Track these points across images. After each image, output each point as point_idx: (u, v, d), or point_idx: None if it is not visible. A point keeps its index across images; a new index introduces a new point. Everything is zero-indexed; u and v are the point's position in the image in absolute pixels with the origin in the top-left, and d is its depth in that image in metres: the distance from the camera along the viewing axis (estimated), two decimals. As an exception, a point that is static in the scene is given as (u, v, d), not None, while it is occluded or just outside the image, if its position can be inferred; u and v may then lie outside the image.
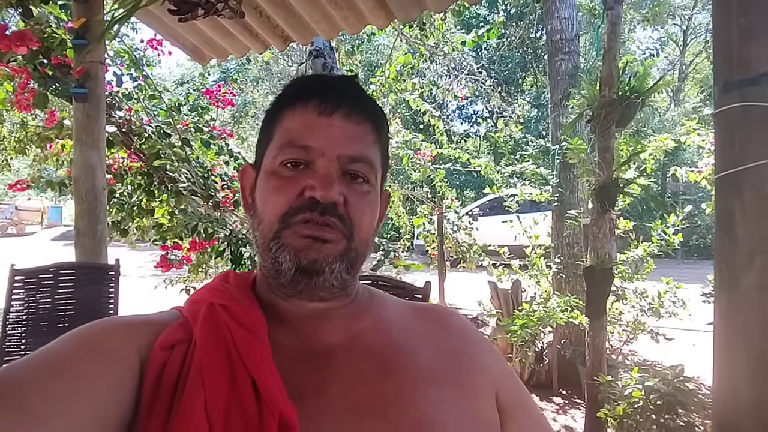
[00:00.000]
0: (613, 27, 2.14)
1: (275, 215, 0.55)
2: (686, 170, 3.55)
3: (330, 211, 0.54)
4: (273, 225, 0.55)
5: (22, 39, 1.92)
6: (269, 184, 0.57)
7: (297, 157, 0.56)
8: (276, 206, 0.55)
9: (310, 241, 0.54)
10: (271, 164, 0.57)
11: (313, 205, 0.54)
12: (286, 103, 0.59)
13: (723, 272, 1.01)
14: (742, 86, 0.92)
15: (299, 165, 0.56)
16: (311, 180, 0.55)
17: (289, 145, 0.56)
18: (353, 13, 2.40)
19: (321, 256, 0.54)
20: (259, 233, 0.57)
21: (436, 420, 0.53)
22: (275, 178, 0.56)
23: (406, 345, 0.60)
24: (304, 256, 0.53)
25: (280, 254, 0.54)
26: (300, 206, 0.54)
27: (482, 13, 15.15)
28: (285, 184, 0.56)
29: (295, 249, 0.54)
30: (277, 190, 0.56)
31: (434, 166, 5.39)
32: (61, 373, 0.45)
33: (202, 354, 0.51)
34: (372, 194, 0.59)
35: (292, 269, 0.54)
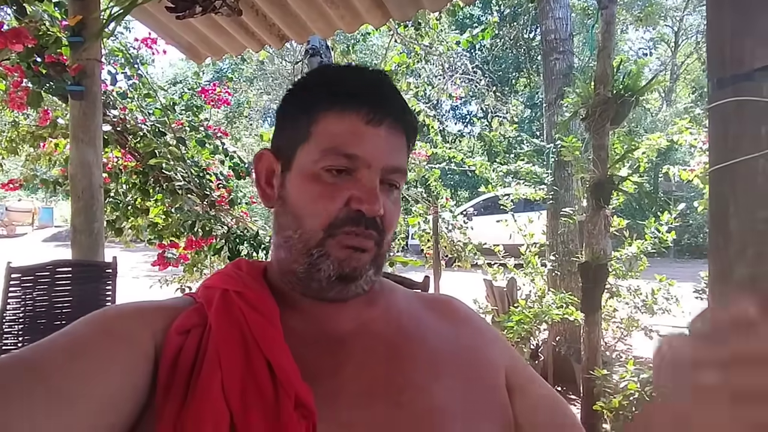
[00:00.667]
0: (607, 26, 2.17)
1: (320, 224, 0.55)
2: (678, 169, 3.60)
3: (372, 224, 0.55)
4: (317, 233, 0.55)
5: (17, 36, 1.92)
6: (311, 189, 0.56)
7: (341, 164, 0.55)
8: (321, 214, 0.55)
9: (351, 251, 0.55)
10: (311, 167, 0.56)
11: (359, 218, 0.54)
12: (328, 102, 0.56)
13: (717, 264, 1.03)
14: (735, 81, 0.94)
15: (341, 172, 0.55)
16: (356, 191, 0.54)
17: (334, 152, 0.55)
18: (349, 11, 2.41)
19: (360, 265, 0.55)
20: (297, 237, 0.56)
21: (448, 408, 0.54)
22: (316, 182, 0.55)
23: (417, 333, 0.61)
24: (346, 265, 0.55)
25: (322, 262, 0.55)
26: (345, 218, 0.54)
27: (476, 13, 15.21)
28: (329, 191, 0.55)
29: (338, 259, 0.55)
30: (321, 197, 0.55)
31: (429, 166, 5.41)
32: (81, 355, 0.46)
33: (218, 337, 0.51)
34: (399, 200, 0.61)
35: (333, 277, 0.55)
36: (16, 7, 2.49)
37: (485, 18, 14.22)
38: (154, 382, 0.49)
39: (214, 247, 2.83)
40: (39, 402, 0.41)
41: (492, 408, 0.58)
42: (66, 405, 0.42)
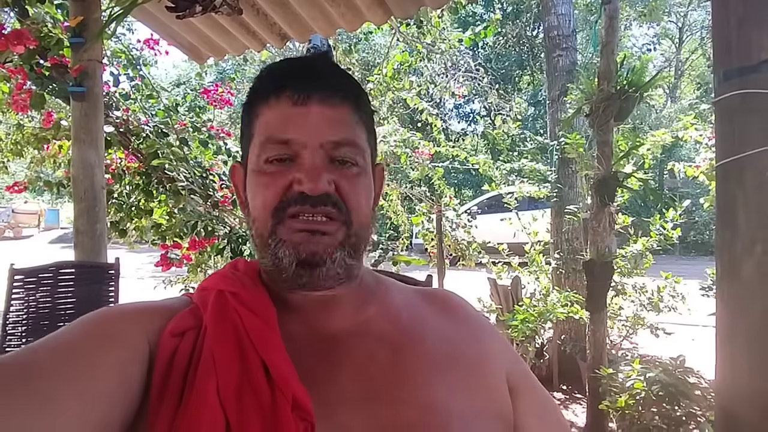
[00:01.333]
0: (610, 21, 2.15)
1: (266, 211, 0.55)
2: (684, 165, 3.56)
3: (322, 202, 0.53)
4: (266, 221, 0.55)
5: (19, 38, 1.92)
6: (257, 182, 0.56)
7: (280, 152, 0.55)
8: (266, 203, 0.55)
9: (307, 234, 0.53)
10: (256, 163, 0.56)
11: (303, 199, 0.53)
12: (260, 96, 0.58)
13: (724, 260, 1.01)
14: (742, 74, 0.92)
15: (284, 160, 0.55)
16: (298, 173, 0.54)
17: (269, 141, 0.55)
18: (351, 10, 2.39)
19: (320, 248, 0.54)
20: (255, 231, 0.57)
21: (449, 406, 0.53)
22: (261, 175, 0.56)
23: (416, 330, 0.60)
24: (303, 249, 0.53)
25: (279, 249, 0.54)
26: (289, 200, 0.54)
27: (479, 11, 15.16)
28: (271, 180, 0.55)
29: (293, 243, 0.53)
30: (265, 187, 0.55)
31: (432, 165, 5.39)
32: (73, 357, 0.45)
33: (213, 339, 0.50)
34: (363, 175, 0.58)
35: (293, 263, 0.53)
36: (18, 8, 2.49)
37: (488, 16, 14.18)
38: (148, 385, 0.48)
39: (216, 247, 2.83)
40: (28, 404, 0.40)
41: (493, 405, 0.57)
42: (50, 407, 0.41)
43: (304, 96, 0.55)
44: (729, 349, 0.99)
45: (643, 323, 3.21)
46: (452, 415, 0.53)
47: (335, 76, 0.58)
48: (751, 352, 0.95)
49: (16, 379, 0.41)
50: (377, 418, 0.50)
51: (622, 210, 3.40)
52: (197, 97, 4.36)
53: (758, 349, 0.94)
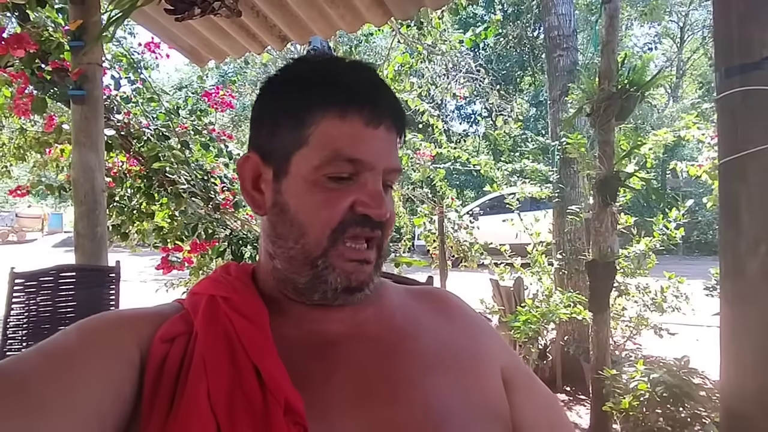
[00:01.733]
0: (611, 20, 2.13)
1: (323, 231, 0.53)
2: (686, 165, 3.54)
3: (378, 227, 0.55)
4: (321, 241, 0.53)
5: (19, 42, 1.93)
6: (314, 197, 0.53)
7: (344, 171, 0.53)
8: (325, 222, 0.53)
9: (357, 264, 0.54)
10: (312, 174, 0.53)
11: (365, 222, 0.53)
12: (325, 104, 0.53)
13: (728, 259, 1.00)
14: (743, 71, 0.91)
15: (344, 178, 0.53)
16: (361, 196, 0.53)
17: (336, 158, 0.52)
18: (350, 11, 2.39)
19: (366, 277, 0.55)
20: (300, 247, 0.54)
21: (444, 406, 0.53)
22: (319, 190, 0.53)
23: (410, 330, 0.60)
24: (354, 279, 0.54)
25: (328, 274, 0.53)
26: (350, 221, 0.53)
27: (479, 12, 15.17)
28: (333, 198, 0.53)
29: (345, 272, 0.54)
30: (326, 205, 0.53)
31: (434, 166, 5.38)
32: (63, 366, 0.45)
33: (204, 344, 0.50)
34: (393, 198, 0.60)
35: (339, 289, 0.54)
36: (19, 13, 2.50)
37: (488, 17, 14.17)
38: (140, 392, 0.48)
39: (217, 249, 2.83)
40: (15, 413, 0.40)
41: (489, 404, 0.57)
42: (43, 416, 0.41)
43: (378, 119, 0.54)
44: (733, 348, 0.98)
45: (646, 324, 3.19)
46: (447, 415, 0.52)
47: (398, 104, 0.58)
48: (755, 351, 0.94)
49: (11, 387, 0.41)
50: (372, 420, 0.50)
51: (624, 210, 3.38)
52: (199, 100, 4.36)
53: (763, 348, 0.92)
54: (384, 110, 0.55)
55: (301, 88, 0.55)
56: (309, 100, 0.54)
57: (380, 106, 0.54)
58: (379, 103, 0.55)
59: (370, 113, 0.53)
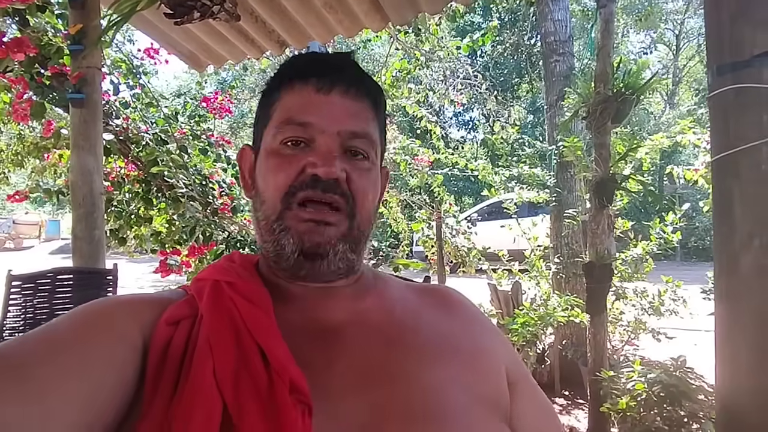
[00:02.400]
0: (606, 24, 2.16)
1: (277, 193, 0.55)
2: (683, 169, 3.56)
3: (332, 188, 0.54)
4: (276, 205, 0.55)
5: (19, 46, 1.94)
6: (269, 163, 0.57)
7: (297, 134, 0.56)
8: (278, 185, 0.55)
9: (312, 224, 0.54)
10: (271, 143, 0.57)
11: (315, 183, 0.54)
12: (283, 82, 0.59)
13: (722, 256, 1.00)
14: (735, 69, 0.92)
15: (299, 143, 0.56)
16: (312, 157, 0.55)
17: (288, 122, 0.56)
18: (348, 16, 2.41)
19: (324, 239, 0.54)
20: (261, 214, 0.57)
21: (443, 394, 0.53)
22: (275, 156, 0.57)
23: (410, 322, 0.60)
24: (307, 240, 0.54)
25: (282, 237, 0.55)
26: (301, 183, 0.54)
27: (476, 20, 15.29)
28: (285, 162, 0.56)
29: (298, 232, 0.54)
30: (278, 168, 0.56)
31: (432, 172, 5.40)
32: (63, 350, 0.44)
33: (209, 327, 0.50)
34: (373, 171, 0.59)
35: (296, 253, 0.54)
36: (19, 18, 2.52)
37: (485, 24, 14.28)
38: (142, 376, 0.48)
39: (214, 252, 2.83)
40: (13, 400, 0.40)
41: (488, 395, 0.57)
42: (40, 399, 0.41)
43: (329, 85, 0.57)
44: (728, 345, 0.99)
45: (644, 328, 3.19)
46: (446, 403, 0.52)
47: (359, 72, 0.60)
48: (750, 348, 0.94)
49: (9, 370, 0.41)
50: (371, 403, 0.50)
51: (622, 215, 3.39)
52: (197, 106, 4.38)
53: (757, 345, 0.93)
54: (335, 77, 0.57)
55: (273, 78, 0.62)
56: (271, 87, 0.61)
57: (330, 73, 0.57)
58: (330, 72, 0.57)
59: (318, 80, 0.56)
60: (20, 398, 0.40)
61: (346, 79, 0.58)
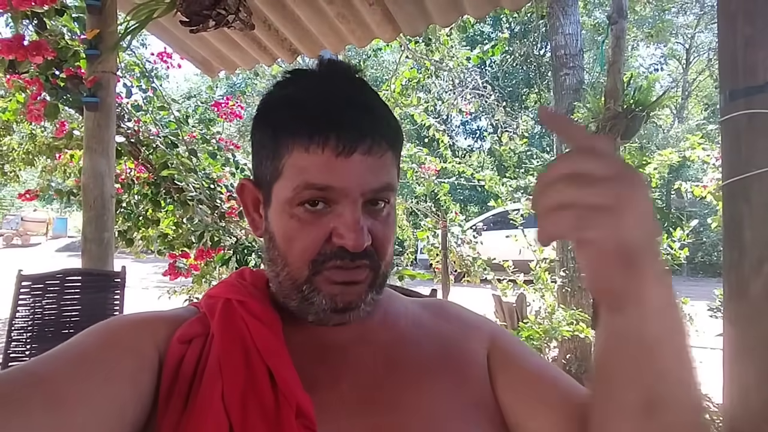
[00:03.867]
0: (617, 41, 2.17)
1: (303, 262, 0.53)
2: (691, 185, 3.55)
3: (361, 256, 0.53)
4: (302, 271, 0.53)
5: (38, 49, 1.98)
6: (290, 228, 0.53)
7: (316, 197, 0.52)
8: (303, 252, 0.53)
9: (343, 286, 0.53)
10: (287, 205, 0.53)
11: (343, 254, 0.52)
12: (293, 136, 0.52)
13: (732, 280, 1.00)
14: (748, 94, 0.93)
15: (318, 203, 0.52)
16: (337, 224, 0.51)
17: (306, 188, 0.51)
18: (360, 26, 2.44)
19: (354, 297, 0.54)
20: (285, 273, 0.55)
21: (444, 409, 0.54)
22: (294, 221, 0.53)
23: (413, 337, 0.61)
24: (340, 300, 0.54)
25: (314, 297, 0.54)
26: (329, 253, 0.52)
27: (486, 30, 15.34)
28: (308, 226, 0.52)
29: (330, 294, 0.53)
30: (302, 233, 0.53)
31: (438, 180, 5.41)
32: (86, 367, 0.46)
33: (220, 346, 0.51)
34: (392, 214, 0.57)
35: (328, 311, 0.54)
36: (37, 21, 2.56)
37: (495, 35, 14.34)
38: (157, 391, 0.49)
39: (222, 257, 2.84)
40: (39, 413, 0.41)
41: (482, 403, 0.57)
42: (67, 417, 0.42)
43: (350, 148, 0.50)
44: (736, 368, 0.98)
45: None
46: (446, 417, 0.53)
47: (379, 119, 0.54)
48: (758, 371, 0.94)
49: (35, 387, 0.42)
50: (375, 426, 0.51)
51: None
52: (207, 109, 4.43)
53: (766, 369, 0.93)
54: (355, 136, 0.51)
55: (273, 119, 0.55)
56: (278, 132, 0.53)
57: (350, 132, 0.51)
58: (349, 129, 0.51)
59: (338, 142, 0.50)
60: (50, 413, 0.41)
61: (367, 134, 0.52)
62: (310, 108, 0.52)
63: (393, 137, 0.55)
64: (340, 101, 0.53)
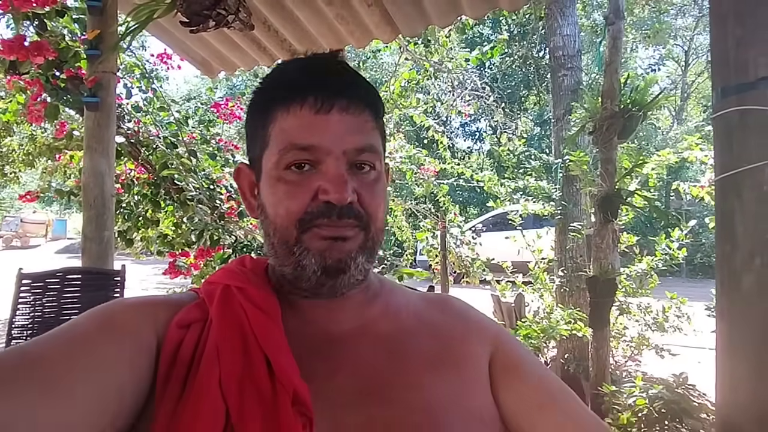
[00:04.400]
0: (614, 41, 2.18)
1: (291, 222, 0.54)
2: (689, 185, 3.56)
3: (347, 213, 0.54)
4: (291, 231, 0.54)
5: (39, 49, 1.99)
6: (276, 190, 0.55)
7: (301, 158, 0.54)
8: (291, 212, 0.54)
9: (330, 241, 0.54)
10: (274, 169, 0.55)
11: (329, 210, 0.53)
12: (277, 101, 0.56)
13: (724, 274, 1.02)
14: (740, 91, 0.94)
15: (304, 166, 0.54)
16: (322, 182, 0.53)
17: (290, 148, 0.54)
18: (359, 27, 2.45)
19: (344, 254, 0.54)
20: (277, 239, 0.56)
21: (442, 404, 0.54)
22: (282, 183, 0.55)
23: (415, 330, 0.61)
24: (329, 256, 0.54)
25: (304, 258, 0.54)
26: (315, 211, 0.54)
27: (485, 32, 15.37)
28: (295, 188, 0.54)
29: (319, 250, 0.54)
30: (287, 196, 0.54)
31: (437, 181, 5.42)
32: (83, 349, 0.46)
33: (218, 332, 0.52)
34: (380, 179, 0.58)
35: (318, 271, 0.54)
36: (38, 22, 2.57)
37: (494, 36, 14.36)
38: (155, 375, 0.49)
39: (221, 256, 2.86)
40: (38, 396, 0.41)
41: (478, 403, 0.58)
42: (65, 399, 0.42)
43: (327, 104, 0.54)
44: (729, 362, 0.99)
45: (648, 344, 3.17)
46: (444, 412, 0.54)
47: (355, 82, 0.58)
48: (750, 365, 0.95)
49: (31, 369, 0.42)
50: (371, 417, 0.51)
51: (627, 230, 3.39)
52: (207, 111, 4.44)
53: (758, 363, 0.94)
54: (333, 94, 0.54)
55: (259, 94, 0.60)
56: (264, 104, 0.58)
57: (327, 90, 0.54)
58: (326, 88, 0.54)
59: (316, 100, 0.54)
60: (48, 394, 0.41)
61: (345, 93, 0.55)
62: (290, 74, 0.58)
63: (371, 100, 0.58)
64: (318, 67, 0.58)
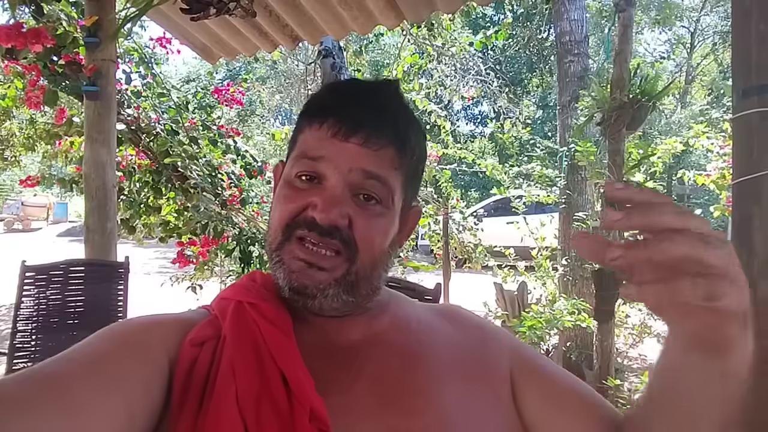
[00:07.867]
0: (624, 29, 2.13)
1: (279, 226, 0.55)
2: (694, 173, 3.54)
3: (329, 234, 0.53)
4: (277, 235, 0.56)
5: (37, 36, 1.94)
6: (281, 192, 0.58)
7: (309, 169, 0.55)
8: (281, 216, 0.55)
9: (303, 265, 0.53)
10: (288, 173, 0.58)
11: (312, 225, 0.53)
12: (309, 114, 0.58)
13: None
14: (761, 92, 0.91)
15: (313, 179, 0.55)
16: (316, 197, 0.53)
17: (302, 156, 0.56)
18: (363, 13, 2.39)
19: (312, 283, 0.53)
20: (269, 241, 0.58)
21: (459, 414, 0.54)
22: (288, 188, 0.57)
23: (426, 339, 0.61)
24: (295, 279, 0.54)
25: (277, 269, 0.55)
26: (300, 221, 0.54)
27: (489, 13, 15.11)
28: (294, 195, 0.56)
29: (289, 270, 0.54)
30: (286, 200, 0.56)
31: (440, 167, 5.39)
32: (99, 370, 0.46)
33: (232, 348, 0.51)
34: (385, 216, 0.57)
35: (286, 288, 0.55)
36: (35, 6, 2.51)
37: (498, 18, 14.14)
38: (168, 396, 0.49)
39: (225, 247, 2.85)
40: (53, 416, 0.41)
41: (500, 411, 0.57)
42: (80, 421, 0.42)
43: (347, 132, 0.54)
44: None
45: (649, 332, 3.19)
46: (462, 422, 0.53)
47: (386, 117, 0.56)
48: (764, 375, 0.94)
49: (50, 390, 0.42)
50: (391, 428, 0.51)
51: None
52: (207, 95, 4.38)
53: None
54: (353, 125, 0.54)
55: (309, 101, 0.62)
56: (304, 112, 0.60)
57: (348, 120, 0.54)
58: (348, 117, 0.54)
59: (336, 123, 0.54)
60: (65, 415, 0.41)
61: (367, 125, 0.54)
62: (327, 96, 0.61)
63: (402, 139, 0.57)
64: (354, 96, 0.58)
